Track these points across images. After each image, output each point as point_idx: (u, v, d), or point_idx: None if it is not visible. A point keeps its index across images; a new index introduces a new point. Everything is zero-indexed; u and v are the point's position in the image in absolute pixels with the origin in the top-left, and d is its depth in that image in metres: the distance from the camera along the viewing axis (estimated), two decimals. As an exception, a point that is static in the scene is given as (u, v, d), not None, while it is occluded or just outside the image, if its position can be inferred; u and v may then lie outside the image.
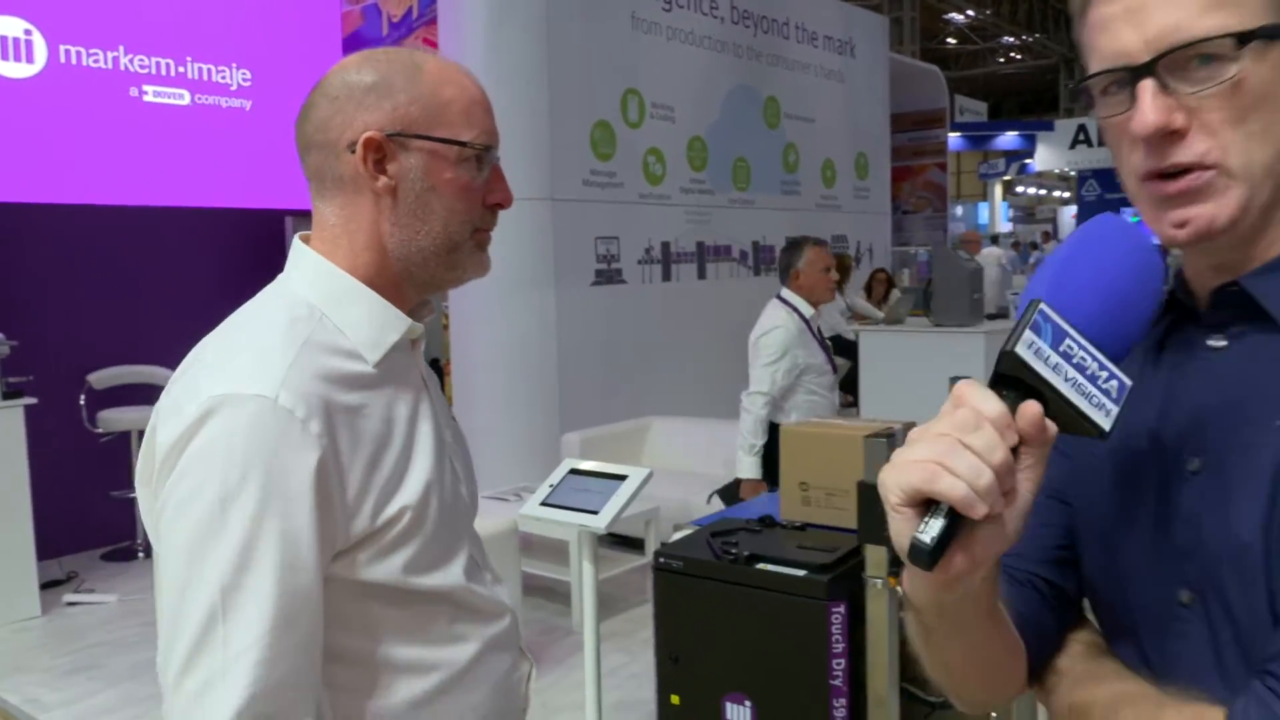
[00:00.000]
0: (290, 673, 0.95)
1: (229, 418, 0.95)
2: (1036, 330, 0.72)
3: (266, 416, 0.95)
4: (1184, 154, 0.77)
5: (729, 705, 2.24)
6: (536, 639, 4.29)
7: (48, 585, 5.01)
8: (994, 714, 2.17)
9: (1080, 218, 20.70)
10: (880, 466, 2.05)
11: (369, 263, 1.10)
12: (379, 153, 1.06)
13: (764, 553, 2.22)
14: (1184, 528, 0.83)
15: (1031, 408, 0.72)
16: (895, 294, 8.93)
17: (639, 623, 2.26)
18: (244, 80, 6.29)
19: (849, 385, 8.10)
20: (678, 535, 2.53)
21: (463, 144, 1.09)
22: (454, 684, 1.12)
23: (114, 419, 5.60)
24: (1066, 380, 0.72)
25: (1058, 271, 0.78)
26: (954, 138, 22.55)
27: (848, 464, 2.43)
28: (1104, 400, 0.73)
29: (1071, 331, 0.73)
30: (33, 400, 4.81)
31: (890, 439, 2.05)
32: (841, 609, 2.09)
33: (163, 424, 0.99)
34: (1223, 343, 0.83)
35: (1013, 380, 0.73)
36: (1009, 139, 20.93)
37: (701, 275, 7.51)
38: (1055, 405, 0.72)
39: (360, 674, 1.06)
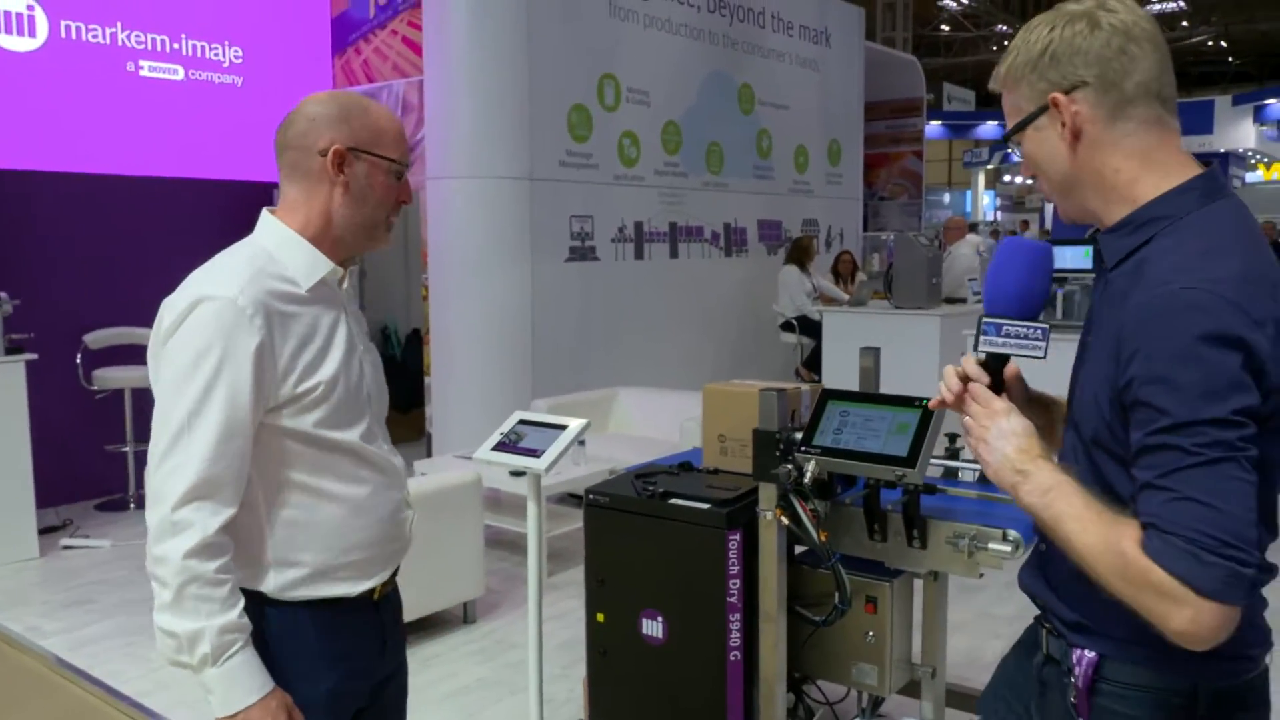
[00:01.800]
0: (226, 470, 1.48)
1: (205, 309, 1.49)
2: (985, 333, 1.40)
3: (229, 310, 1.49)
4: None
5: (644, 620, 2.60)
6: (499, 586, 4.66)
7: (45, 531, 5.37)
8: (870, 633, 2.52)
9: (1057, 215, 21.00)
10: (772, 416, 2.41)
11: (318, 227, 1.64)
12: (340, 159, 1.60)
13: (677, 490, 2.58)
14: (1074, 379, 1.39)
15: (969, 363, 1.43)
16: (861, 277, 9.26)
17: (584, 576, 2.60)
18: (235, 58, 6.58)
19: (813, 363, 8.46)
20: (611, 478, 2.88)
21: (392, 160, 1.64)
22: (353, 510, 1.65)
23: (108, 377, 5.92)
24: (1012, 347, 1.39)
25: (989, 288, 1.43)
26: (937, 126, 22.82)
27: (756, 418, 2.78)
28: (1037, 343, 1.37)
29: (1004, 321, 1.39)
30: (33, 356, 5.13)
31: (781, 394, 2.40)
32: (737, 537, 2.45)
33: (165, 313, 1.53)
34: (1110, 273, 1.34)
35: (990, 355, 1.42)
36: (991, 128, 21.19)
37: (674, 255, 7.82)
38: (1014, 358, 1.41)
39: (290, 492, 1.58)
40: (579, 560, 5.02)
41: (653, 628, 2.58)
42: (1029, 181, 1.97)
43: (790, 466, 2.36)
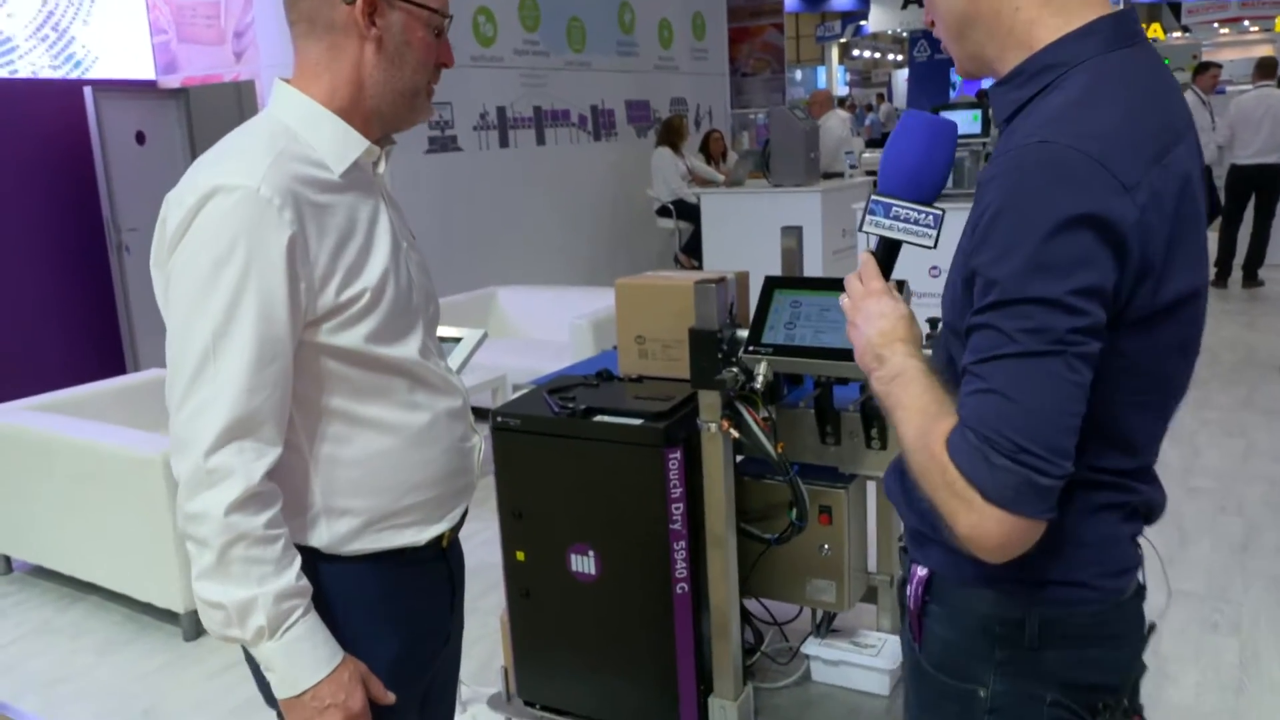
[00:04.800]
0: (265, 404, 1.22)
1: (220, 202, 1.20)
2: (872, 212, 1.22)
3: (250, 202, 1.20)
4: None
5: (573, 556, 2.26)
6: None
7: None
8: (826, 545, 2.27)
9: (912, 80, 21.12)
10: (711, 312, 2.05)
11: (346, 95, 1.33)
12: (372, 8, 1.30)
13: (601, 405, 2.22)
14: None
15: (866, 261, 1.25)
16: (732, 156, 8.95)
17: (490, 490, 2.26)
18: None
19: (692, 248, 8.16)
20: (516, 395, 2.50)
21: (432, 10, 1.35)
22: (411, 443, 1.38)
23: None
24: (900, 231, 1.21)
25: (883, 163, 1.23)
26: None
27: (682, 315, 2.44)
28: (927, 230, 1.20)
29: (895, 202, 1.20)
30: None
31: (720, 285, 2.05)
32: (677, 454, 2.12)
33: (170, 213, 1.23)
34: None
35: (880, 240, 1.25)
36: (845, 0, 20.96)
37: (540, 142, 7.32)
38: (904, 244, 1.22)
39: (336, 426, 1.33)
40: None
41: (583, 563, 2.25)
42: (879, 56, 1.73)
43: (736, 370, 2.03)
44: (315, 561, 1.33)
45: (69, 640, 3.39)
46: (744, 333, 2.05)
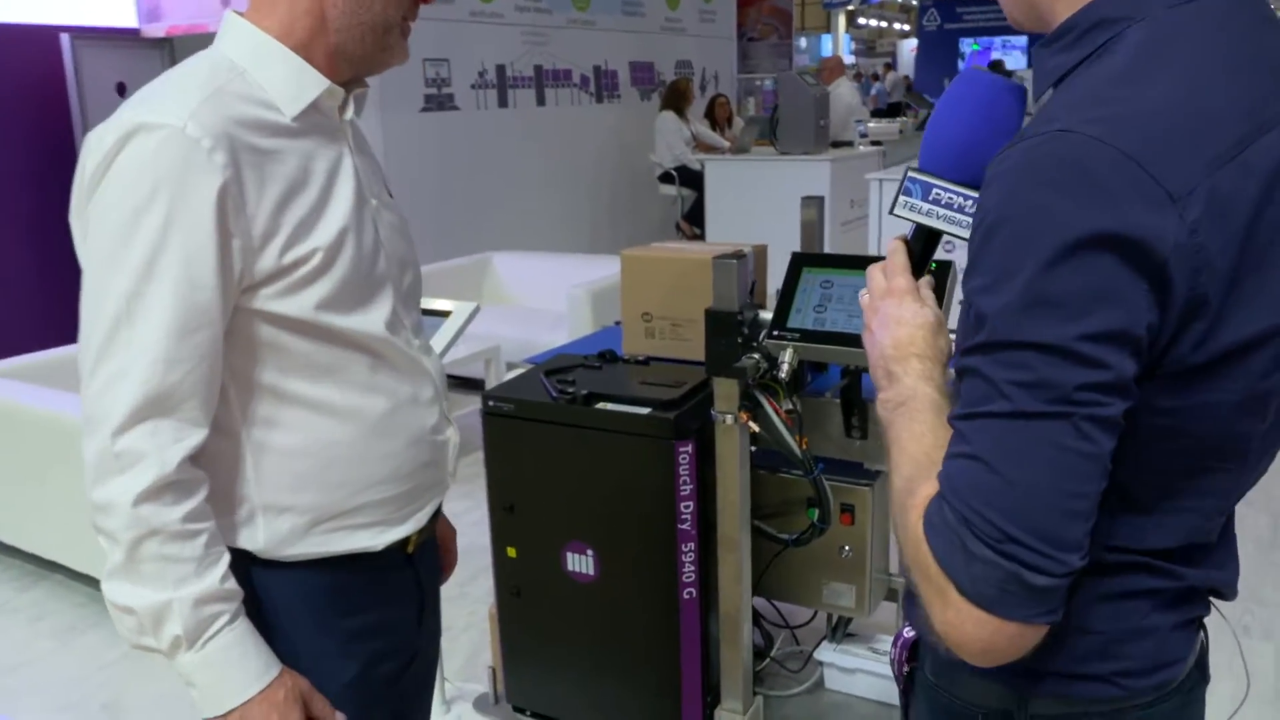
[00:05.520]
0: (187, 378, 1.06)
1: (141, 143, 1.04)
2: (908, 193, 1.01)
3: (174, 143, 1.04)
4: None
5: (570, 555, 2.06)
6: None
7: None
8: (847, 547, 2.07)
9: (920, 50, 20.75)
10: (731, 292, 1.82)
11: (305, 28, 1.16)
12: None
13: (604, 391, 2.01)
14: None
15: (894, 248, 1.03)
16: (738, 122, 8.69)
17: (482, 467, 2.10)
18: None
19: (695, 217, 7.92)
20: (511, 375, 2.29)
21: None
22: (369, 432, 1.20)
23: None
24: (938, 218, 0.99)
25: (927, 136, 1.01)
26: (797, -36, 21.97)
27: (694, 291, 2.23)
28: (969, 219, 0.96)
29: (937, 182, 0.99)
30: None
31: (741, 260, 1.84)
32: (689, 448, 1.91)
33: (89, 155, 1.07)
34: None
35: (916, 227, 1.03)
36: (852, -35, 20.52)
37: (540, 102, 7.06)
38: (941, 232, 1.01)
39: (279, 408, 1.15)
40: (466, 449, 4.50)
41: (581, 563, 2.05)
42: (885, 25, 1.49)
43: (758, 357, 1.82)
44: (250, 566, 1.17)
45: (28, 623, 3.18)
46: (767, 315, 1.83)
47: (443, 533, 1.63)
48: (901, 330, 0.94)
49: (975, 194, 0.94)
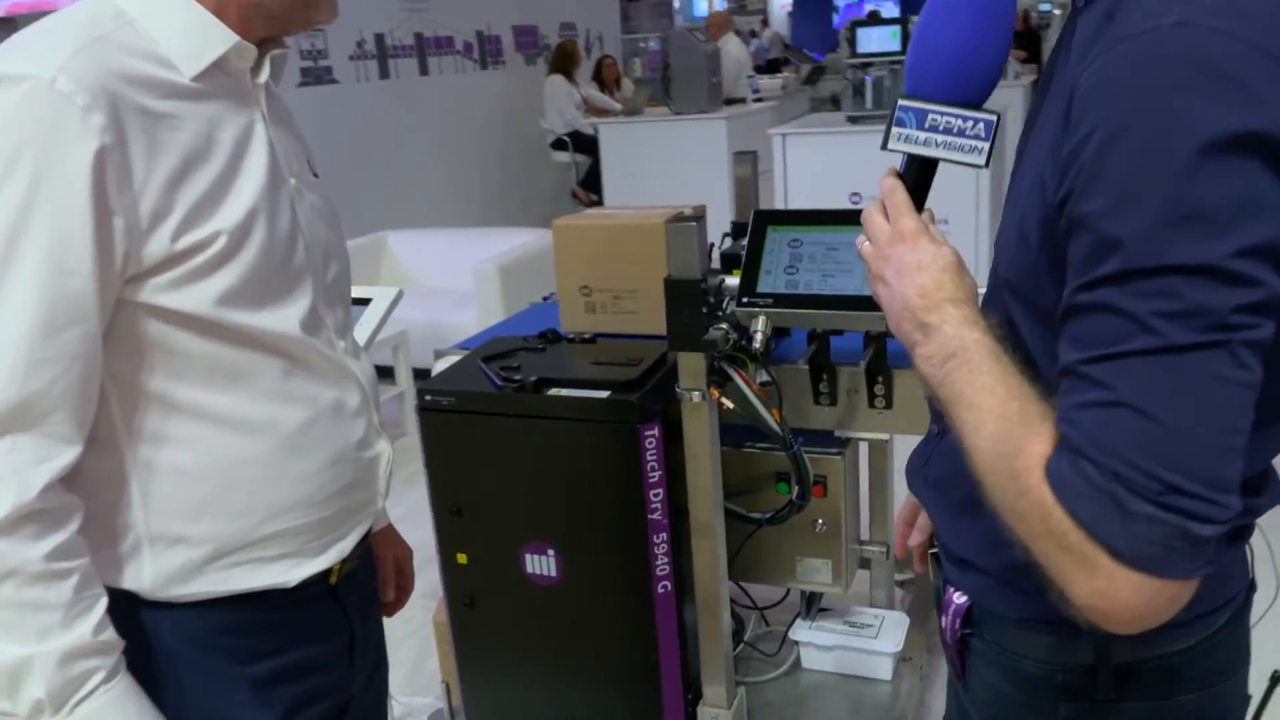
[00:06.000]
0: (54, 385, 0.90)
1: (2, 98, 0.89)
2: (900, 123, 0.91)
3: (39, 98, 0.88)
4: None
5: (529, 557, 1.89)
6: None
7: None
8: (820, 520, 1.95)
9: (795, 5, 20.74)
10: (692, 258, 1.65)
11: None
12: None
13: (554, 375, 1.83)
14: (1007, 198, 0.95)
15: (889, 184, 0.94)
16: (628, 83, 8.51)
17: (400, 457, 1.91)
18: None
19: (591, 183, 7.72)
20: (442, 364, 2.09)
21: None
22: (282, 448, 1.05)
23: None
24: (939, 145, 0.90)
25: (911, 56, 0.92)
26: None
27: (635, 259, 2.07)
28: (975, 143, 0.89)
29: (932, 107, 0.90)
30: None
31: (699, 224, 1.67)
32: (655, 430, 1.75)
33: None
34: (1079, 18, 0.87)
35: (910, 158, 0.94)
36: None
37: (423, 72, 6.75)
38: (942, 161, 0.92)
39: (171, 421, 1.00)
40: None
41: (541, 564, 1.88)
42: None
43: (726, 327, 1.66)
44: (137, 608, 1.02)
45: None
46: (733, 281, 1.68)
47: (398, 554, 1.45)
48: (925, 276, 0.87)
49: (975, 114, 0.89)
